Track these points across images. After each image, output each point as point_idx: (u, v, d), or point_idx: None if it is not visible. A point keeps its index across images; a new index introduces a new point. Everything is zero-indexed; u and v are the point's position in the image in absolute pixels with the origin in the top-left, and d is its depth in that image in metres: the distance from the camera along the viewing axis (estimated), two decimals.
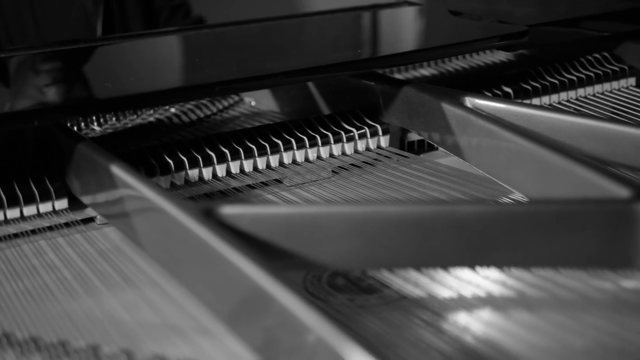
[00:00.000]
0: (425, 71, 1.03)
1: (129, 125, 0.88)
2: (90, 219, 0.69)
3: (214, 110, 0.93)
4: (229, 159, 0.73)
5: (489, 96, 0.79)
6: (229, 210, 0.50)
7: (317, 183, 0.76)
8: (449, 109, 0.71)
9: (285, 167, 0.76)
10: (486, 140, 0.66)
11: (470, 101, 0.73)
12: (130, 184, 0.56)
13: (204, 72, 0.70)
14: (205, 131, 0.87)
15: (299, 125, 0.79)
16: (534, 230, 0.49)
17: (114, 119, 0.88)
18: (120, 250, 0.64)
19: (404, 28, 0.91)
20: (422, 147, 0.84)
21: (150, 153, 0.71)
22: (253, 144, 0.75)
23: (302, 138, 0.77)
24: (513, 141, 0.63)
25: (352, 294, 0.54)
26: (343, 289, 0.55)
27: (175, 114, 0.91)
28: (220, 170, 0.73)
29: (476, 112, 0.69)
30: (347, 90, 0.85)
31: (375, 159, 0.79)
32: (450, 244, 0.50)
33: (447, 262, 0.51)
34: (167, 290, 0.57)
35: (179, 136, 0.86)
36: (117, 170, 0.58)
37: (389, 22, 0.93)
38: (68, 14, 1.37)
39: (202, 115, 0.91)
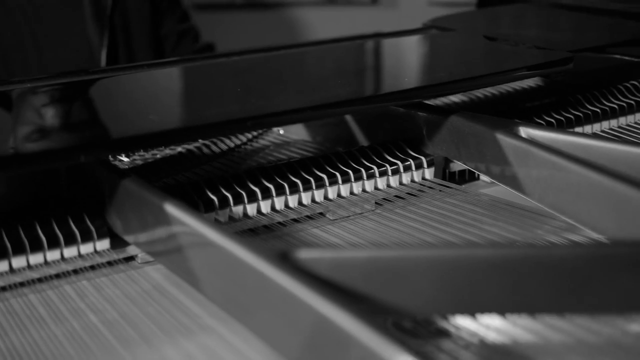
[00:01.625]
0: (454, 97, 1.01)
1: (158, 156, 0.85)
2: (131, 258, 0.66)
3: (244, 139, 0.90)
4: (274, 194, 0.70)
5: (545, 126, 0.76)
6: (306, 254, 0.47)
7: (361, 216, 0.73)
8: (504, 139, 0.68)
9: (329, 200, 0.73)
10: (550, 172, 0.63)
11: (525, 131, 0.70)
12: (190, 223, 0.53)
13: (257, 102, 0.67)
14: (236, 161, 0.84)
15: (341, 157, 0.76)
16: (631, 273, 0.46)
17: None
18: (166, 291, 0.61)
19: (443, 55, 0.89)
20: (462, 177, 0.82)
21: (192, 188, 0.68)
22: (297, 178, 0.72)
23: (346, 172, 0.74)
24: (582, 174, 0.60)
25: (428, 338, 0.51)
26: (416, 332, 0.52)
27: (204, 144, 0.87)
28: (265, 206, 0.70)
29: (536, 143, 0.66)
30: (385, 119, 0.82)
31: (420, 190, 0.77)
32: (541, 289, 0.47)
33: (536, 307, 0.48)
34: (227, 337, 0.54)
35: (211, 167, 0.83)
36: (174, 209, 0.54)
37: (425, 48, 0.90)
38: (101, 44, 1.34)
39: (232, 145, 0.88)
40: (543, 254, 0.47)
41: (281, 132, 0.93)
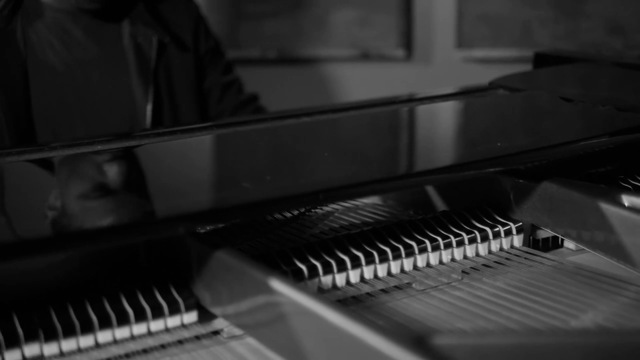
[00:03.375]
0: None
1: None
2: (216, 332, 0.62)
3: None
4: (363, 263, 0.66)
5: None
6: (444, 340, 0.43)
7: (449, 285, 0.69)
8: (608, 208, 0.65)
9: (417, 269, 0.70)
10: None
11: (628, 199, 0.67)
12: (303, 303, 0.49)
13: (354, 169, 0.64)
14: (307, 226, 0.80)
15: (428, 223, 0.72)
16: None
17: None
18: None
19: (527, 117, 0.85)
20: (546, 244, 0.78)
21: (279, 257, 0.64)
22: (386, 246, 0.68)
23: (435, 239, 0.70)
24: None
25: None
26: None
27: None
28: (354, 276, 0.66)
29: None
30: (467, 182, 0.79)
31: (506, 259, 0.73)
32: None
33: None
34: None
35: (283, 232, 0.79)
36: (283, 286, 0.51)
37: (506, 110, 0.87)
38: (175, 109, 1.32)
39: (302, 209, 0.85)
40: None
41: None
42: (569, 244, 0.77)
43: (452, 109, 0.88)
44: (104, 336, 0.57)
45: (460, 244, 0.71)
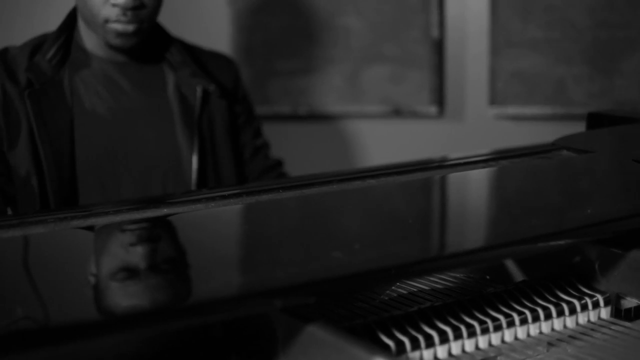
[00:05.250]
0: None
1: None
2: None
3: None
4: (451, 338, 0.63)
5: None
6: None
7: (535, 358, 0.66)
8: None
9: (504, 342, 0.66)
10: None
11: None
12: None
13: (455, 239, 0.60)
14: (381, 295, 0.77)
15: (513, 295, 0.69)
16: None
17: None
18: None
19: (608, 182, 0.82)
20: (628, 313, 0.74)
21: (364, 330, 0.61)
22: (473, 320, 0.65)
23: (523, 312, 0.67)
24: None
25: None
26: None
27: None
28: (442, 351, 0.63)
29: None
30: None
31: (592, 330, 0.69)
32: None
33: None
34: None
35: (362, 303, 0.75)
36: None
37: (576, 172, 0.84)
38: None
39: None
40: None
41: None
42: None
43: (524, 171, 0.85)
44: None
45: (548, 317, 0.68)
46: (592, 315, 0.70)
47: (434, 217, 0.72)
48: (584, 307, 0.69)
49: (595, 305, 0.70)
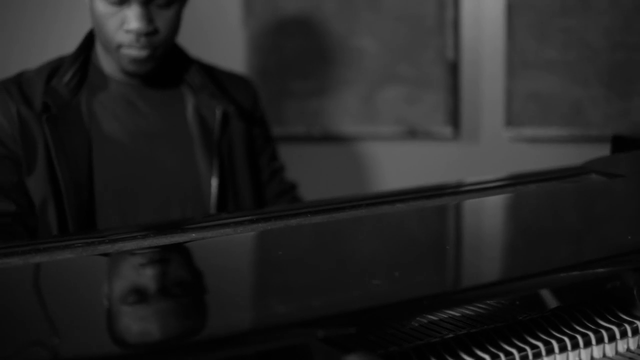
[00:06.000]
0: None
1: None
2: None
3: None
4: None
5: None
6: None
7: None
8: None
9: None
10: None
11: None
12: None
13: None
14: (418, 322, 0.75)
15: (551, 322, 0.67)
16: None
17: None
18: None
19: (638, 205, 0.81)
20: None
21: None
22: (511, 347, 0.63)
23: (562, 339, 0.65)
24: None
25: None
26: None
27: None
28: None
29: None
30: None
31: (630, 358, 0.68)
32: None
33: None
34: None
35: (391, 329, 0.74)
36: None
37: (609, 197, 0.83)
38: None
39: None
40: None
41: None
42: None
43: (556, 196, 0.84)
44: None
45: (587, 344, 0.66)
46: (632, 343, 0.68)
47: (473, 244, 0.70)
48: (624, 334, 0.67)
49: (635, 332, 0.68)
